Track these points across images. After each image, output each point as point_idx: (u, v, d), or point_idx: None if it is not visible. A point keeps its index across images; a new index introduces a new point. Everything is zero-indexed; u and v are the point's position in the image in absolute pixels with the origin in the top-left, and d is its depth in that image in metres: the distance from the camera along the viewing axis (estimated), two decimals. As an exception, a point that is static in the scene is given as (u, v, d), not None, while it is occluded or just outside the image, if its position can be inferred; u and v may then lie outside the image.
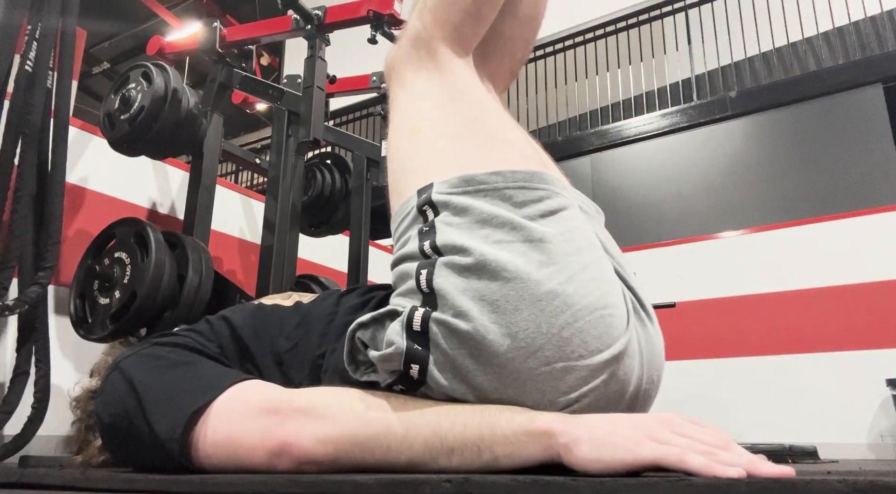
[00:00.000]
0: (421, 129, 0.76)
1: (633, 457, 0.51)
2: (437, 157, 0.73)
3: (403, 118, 0.79)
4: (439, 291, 0.63)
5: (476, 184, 0.67)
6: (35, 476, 0.69)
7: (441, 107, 0.76)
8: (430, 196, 0.69)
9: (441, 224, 0.67)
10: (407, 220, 0.71)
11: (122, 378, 0.70)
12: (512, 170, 0.67)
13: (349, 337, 0.66)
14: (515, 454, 0.56)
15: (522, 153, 0.74)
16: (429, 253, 0.66)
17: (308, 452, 0.60)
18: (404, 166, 0.76)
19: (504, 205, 0.65)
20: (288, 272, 1.61)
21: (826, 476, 0.44)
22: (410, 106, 0.79)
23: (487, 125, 0.75)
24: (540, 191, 0.67)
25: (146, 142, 1.51)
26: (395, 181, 0.77)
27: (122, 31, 8.37)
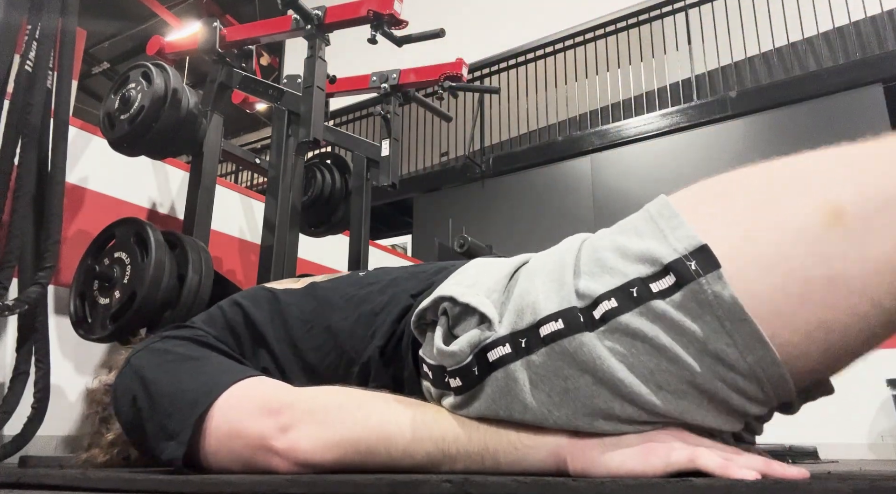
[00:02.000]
0: (844, 226, 0.48)
1: (643, 465, 0.50)
2: (782, 263, 0.49)
3: (843, 180, 0.51)
4: (548, 352, 0.53)
5: (733, 327, 0.49)
6: (35, 476, 0.69)
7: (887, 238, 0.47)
8: (692, 275, 0.49)
9: (642, 314, 0.51)
10: (648, 247, 0.53)
11: (134, 374, 0.70)
12: (777, 360, 0.49)
13: (437, 297, 0.61)
14: (520, 461, 0.55)
15: (809, 367, 0.52)
16: (595, 312, 0.52)
17: (308, 456, 0.60)
18: (757, 215, 0.51)
19: (715, 372, 0.50)
20: (288, 272, 1.61)
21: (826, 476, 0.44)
22: (871, 180, 0.49)
23: (860, 323, 0.50)
24: (762, 395, 0.51)
25: (146, 142, 1.51)
26: (730, 199, 0.54)
27: (122, 31, 8.37)
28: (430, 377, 0.61)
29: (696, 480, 0.44)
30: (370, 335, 0.71)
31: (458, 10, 5.81)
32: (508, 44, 5.62)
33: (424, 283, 0.73)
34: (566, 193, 4.84)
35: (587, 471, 0.53)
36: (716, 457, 0.48)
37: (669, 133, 4.59)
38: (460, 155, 5.51)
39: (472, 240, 2.41)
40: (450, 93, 2.03)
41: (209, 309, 0.83)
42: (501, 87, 5.33)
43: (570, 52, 5.32)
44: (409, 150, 5.74)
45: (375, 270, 0.84)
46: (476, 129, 5.48)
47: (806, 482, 0.41)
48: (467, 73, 2.06)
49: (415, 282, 0.74)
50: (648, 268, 0.52)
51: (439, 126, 5.72)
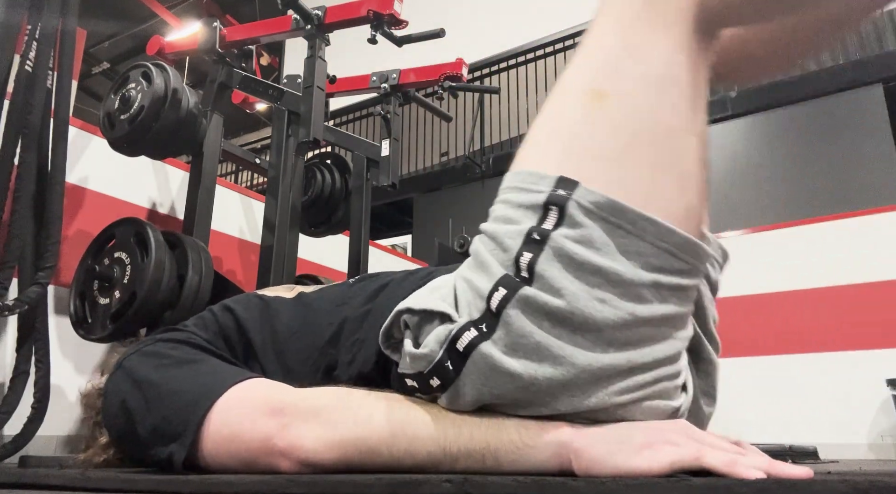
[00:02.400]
0: (606, 97, 0.58)
1: (648, 463, 0.50)
2: (602, 150, 0.57)
3: (598, 62, 0.60)
4: (505, 321, 0.56)
5: (621, 219, 0.55)
6: (35, 476, 0.69)
7: (645, 85, 0.58)
8: (567, 199, 0.56)
9: (553, 246, 0.56)
10: (526, 199, 0.59)
11: (127, 377, 0.70)
12: (670, 228, 0.55)
13: (395, 313, 0.62)
14: (522, 460, 0.55)
15: (690, 202, 0.58)
16: (522, 268, 0.56)
17: (311, 456, 0.60)
18: (562, 128, 0.60)
19: (633, 262, 0.55)
20: (288, 272, 1.61)
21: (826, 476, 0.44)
22: (614, 53, 0.59)
23: (678, 142, 0.58)
24: (682, 263, 0.57)
25: (146, 142, 1.51)
26: (542, 133, 0.62)
27: (122, 31, 8.37)
28: (417, 387, 0.62)
29: (696, 480, 0.44)
30: (356, 348, 0.71)
31: (458, 10, 5.81)
32: (508, 44, 5.62)
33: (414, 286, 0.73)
34: (566, 193, 4.82)
35: (591, 470, 0.52)
36: (722, 456, 0.48)
37: (669, 133, 4.58)
38: (460, 155, 5.51)
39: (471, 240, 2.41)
40: (450, 93, 2.03)
41: (201, 313, 0.83)
42: (501, 87, 5.33)
43: (570, 52, 5.31)
44: (409, 150, 5.74)
45: (364, 277, 0.84)
46: (476, 129, 5.48)
47: (806, 481, 0.41)
48: (467, 72, 2.06)
49: (409, 284, 0.75)
50: (533, 216, 0.58)
51: (439, 126, 5.72)
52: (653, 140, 0.57)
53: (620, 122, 0.57)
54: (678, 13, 0.58)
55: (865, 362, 2.45)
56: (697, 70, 0.59)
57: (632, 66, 0.58)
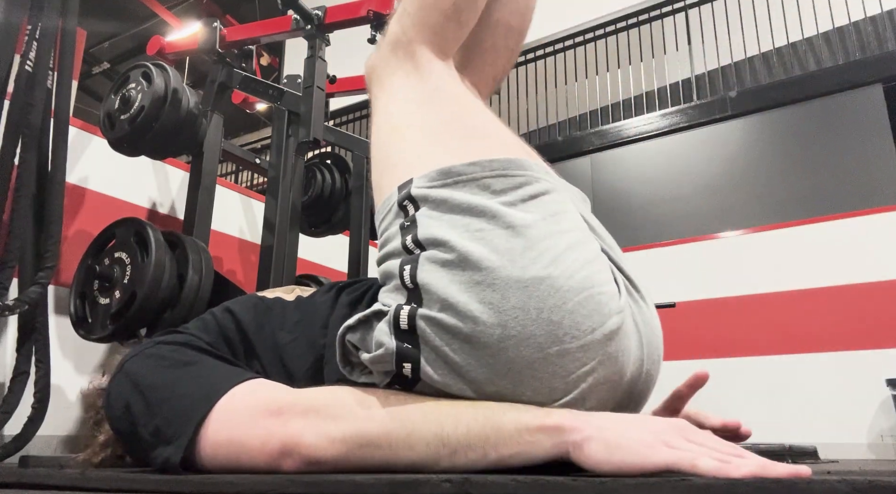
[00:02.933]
0: (399, 127, 0.77)
1: (643, 461, 0.51)
2: (416, 154, 0.73)
3: (384, 118, 0.80)
4: (424, 286, 0.62)
5: (454, 176, 0.67)
6: (35, 476, 0.69)
7: (419, 105, 0.77)
8: (409, 191, 0.69)
9: (422, 218, 0.67)
10: (389, 217, 0.71)
11: (128, 380, 0.70)
12: (489, 159, 0.67)
13: (339, 340, 0.66)
14: (523, 453, 0.56)
15: (502, 141, 0.74)
16: (411, 247, 0.66)
17: (313, 452, 0.60)
18: (385, 164, 0.76)
19: (483, 194, 0.66)
20: (288, 272, 1.61)
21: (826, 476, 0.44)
22: (390, 105, 0.80)
23: (466, 122, 0.76)
24: (519, 178, 0.67)
25: (146, 142, 1.51)
26: (378, 179, 0.77)
27: (122, 31, 8.37)
28: (399, 388, 0.64)
29: (696, 480, 0.44)
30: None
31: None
32: (508, 44, 5.60)
33: None
34: (566, 193, 4.82)
35: (588, 464, 0.53)
36: (713, 462, 0.49)
37: (669, 133, 4.59)
38: (460, 155, 5.50)
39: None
40: (450, 93, 2.03)
41: (201, 316, 0.83)
42: (501, 87, 5.33)
43: (570, 52, 5.32)
44: (409, 150, 5.73)
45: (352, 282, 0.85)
46: (476, 129, 5.47)
47: (806, 481, 0.41)
48: (467, 73, 2.06)
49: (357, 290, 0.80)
50: (399, 219, 0.69)
51: (439, 126, 5.71)
52: (447, 128, 0.74)
53: (419, 133, 0.75)
54: (410, 61, 0.80)
55: (865, 362, 2.45)
56: (445, 72, 0.80)
57: (406, 103, 0.79)
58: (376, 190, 0.77)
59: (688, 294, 2.87)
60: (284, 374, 0.74)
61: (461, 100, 0.79)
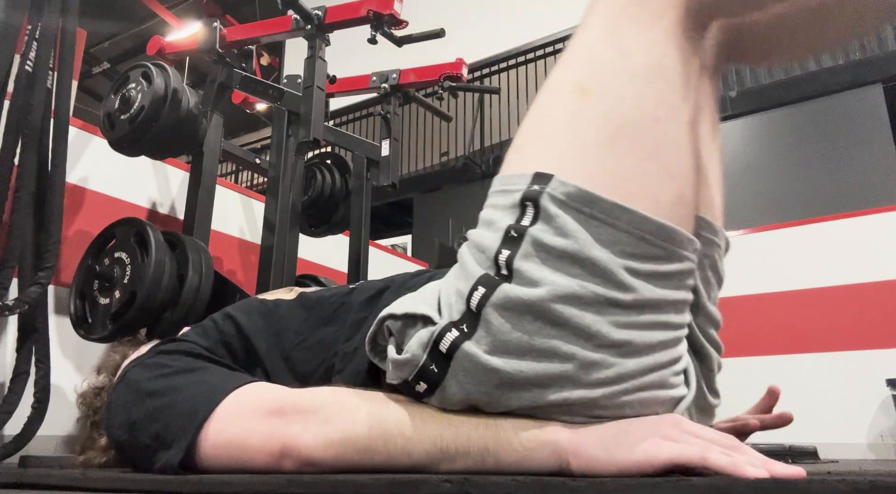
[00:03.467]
0: (590, 93, 0.58)
1: (647, 458, 0.50)
2: (582, 143, 0.58)
3: (583, 60, 0.61)
4: (486, 319, 0.56)
5: (594, 208, 0.55)
6: (35, 476, 0.69)
7: (630, 79, 0.58)
8: (540, 193, 0.56)
9: (530, 240, 0.56)
10: (505, 201, 0.60)
11: (129, 389, 0.70)
12: (644, 216, 0.55)
13: (379, 320, 0.63)
14: (522, 463, 0.55)
15: (677, 190, 0.58)
16: (501, 266, 0.56)
17: (311, 454, 0.60)
18: (543, 126, 0.61)
19: (608, 250, 0.55)
20: (288, 272, 1.61)
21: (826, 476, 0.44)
22: (599, 50, 0.60)
23: (663, 133, 0.58)
24: (659, 249, 0.56)
25: (146, 142, 1.51)
26: (525, 134, 0.63)
27: (122, 31, 8.37)
28: (403, 393, 0.62)
29: (696, 480, 0.44)
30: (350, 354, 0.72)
31: (458, 10, 5.81)
32: (508, 44, 5.62)
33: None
34: (566, 193, 4.82)
35: (590, 469, 0.52)
36: (725, 456, 0.48)
37: (669, 133, 4.58)
38: (460, 155, 5.51)
39: (471, 241, 2.41)
40: (450, 93, 2.03)
41: (202, 322, 0.83)
42: (501, 87, 5.33)
43: (570, 52, 5.31)
44: (409, 150, 5.73)
45: (364, 283, 0.85)
46: (476, 129, 5.48)
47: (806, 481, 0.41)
48: (467, 72, 2.06)
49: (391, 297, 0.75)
50: (514, 213, 0.58)
51: (439, 126, 5.72)
52: (637, 131, 0.57)
53: (604, 116, 0.58)
54: (665, 7, 0.58)
55: (865, 362, 2.45)
56: (687, 61, 0.59)
57: (616, 60, 0.59)
58: (518, 145, 0.63)
59: (688, 294, 2.86)
60: (292, 377, 0.74)
61: (674, 101, 0.59)
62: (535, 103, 0.63)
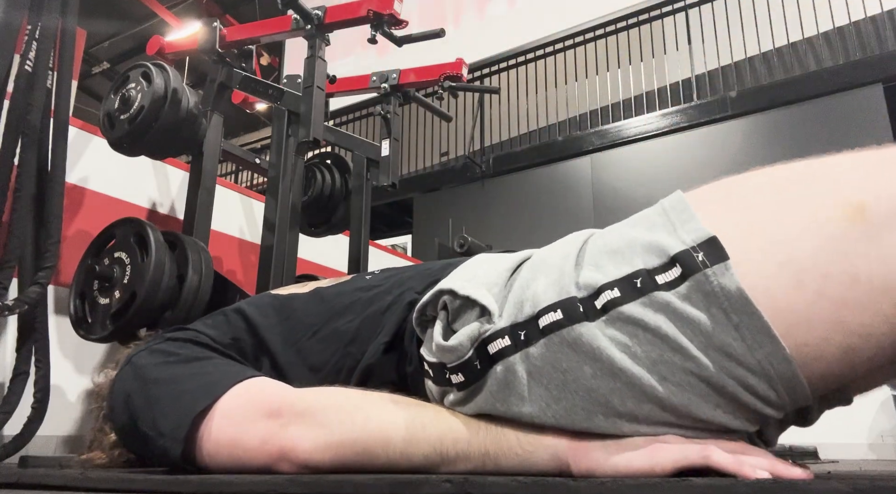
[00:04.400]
0: (866, 217, 0.47)
1: (650, 462, 0.50)
2: (793, 254, 0.48)
3: (854, 176, 0.52)
4: (548, 343, 0.53)
5: (741, 319, 0.48)
6: (35, 476, 0.69)
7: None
8: (699, 268, 0.49)
9: (649, 304, 0.50)
10: (655, 240, 0.52)
11: (134, 374, 0.70)
12: (786, 356, 0.48)
13: (437, 291, 0.60)
14: (521, 465, 0.55)
15: (848, 364, 0.49)
16: (596, 304, 0.52)
17: (308, 458, 0.60)
18: (777, 205, 0.51)
19: (723, 362, 0.49)
20: (288, 272, 1.61)
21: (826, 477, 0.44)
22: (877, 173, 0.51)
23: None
24: (772, 393, 0.50)
25: (146, 142, 1.51)
26: (749, 192, 0.55)
27: (122, 31, 8.37)
28: (430, 374, 0.61)
29: (696, 480, 0.44)
30: (376, 334, 0.71)
31: (459, 10, 5.81)
32: (508, 44, 5.62)
33: (430, 279, 0.72)
34: (566, 193, 4.84)
35: (592, 472, 0.52)
36: (728, 456, 0.47)
37: (669, 133, 4.59)
38: (460, 155, 5.51)
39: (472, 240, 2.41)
40: (450, 93, 2.03)
41: (211, 314, 0.83)
42: (501, 87, 5.33)
43: (570, 52, 5.32)
44: (409, 150, 5.73)
45: (381, 271, 0.84)
46: (476, 129, 5.48)
47: (806, 482, 0.41)
48: (467, 72, 2.06)
49: (420, 280, 0.74)
50: (655, 260, 0.51)
51: (439, 126, 5.72)
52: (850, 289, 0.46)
53: (853, 253, 0.46)
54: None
55: (865, 362, 2.44)
56: None
57: None
58: (726, 188, 0.57)
59: (688, 294, 2.86)
60: (306, 367, 0.74)
61: None
62: (784, 178, 0.53)
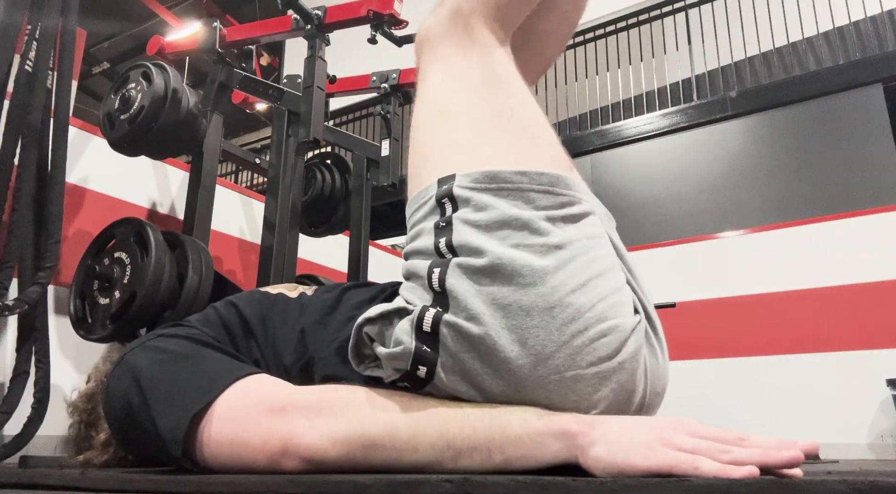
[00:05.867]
0: (451, 112, 0.71)
1: (647, 463, 0.51)
2: (463, 146, 0.69)
3: (433, 96, 0.74)
4: (452, 292, 0.61)
5: (500, 182, 0.65)
6: (35, 476, 0.69)
7: (475, 91, 0.72)
8: (451, 188, 0.66)
9: (459, 221, 0.64)
10: (423, 210, 0.69)
11: (128, 372, 0.70)
12: (538, 172, 0.65)
13: (356, 330, 0.64)
14: (529, 456, 0.56)
15: (552, 153, 0.70)
16: (444, 251, 0.64)
17: (314, 451, 0.60)
18: (428, 150, 0.72)
19: (526, 208, 0.63)
20: (288, 272, 1.61)
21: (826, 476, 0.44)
22: (443, 84, 0.74)
23: (521, 118, 0.71)
24: (563, 197, 0.65)
25: (146, 142, 1.51)
26: (415, 164, 0.73)
27: (122, 31, 8.37)
28: (409, 387, 0.63)
29: (696, 480, 0.45)
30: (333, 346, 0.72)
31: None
32: (508, 44, 5.61)
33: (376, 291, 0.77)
34: (566, 193, 4.82)
35: (594, 467, 0.53)
36: (714, 464, 0.49)
37: (669, 133, 4.59)
38: (460, 155, 5.51)
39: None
40: (450, 93, 2.03)
41: (204, 311, 0.83)
42: (501, 87, 5.32)
43: (570, 52, 5.32)
44: (409, 150, 5.73)
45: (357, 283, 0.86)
46: (476, 129, 5.47)
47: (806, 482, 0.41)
48: (467, 72, 2.06)
49: (367, 292, 0.78)
50: (434, 215, 0.67)
51: (439, 126, 5.71)
52: (499, 122, 0.70)
53: (468, 123, 0.70)
54: (468, 36, 0.74)
55: (865, 362, 2.45)
56: (510, 58, 0.76)
57: (461, 83, 0.73)
58: (412, 176, 0.73)
59: (688, 294, 2.87)
60: (281, 369, 0.74)
61: (518, 93, 0.73)
62: (411, 141, 0.75)
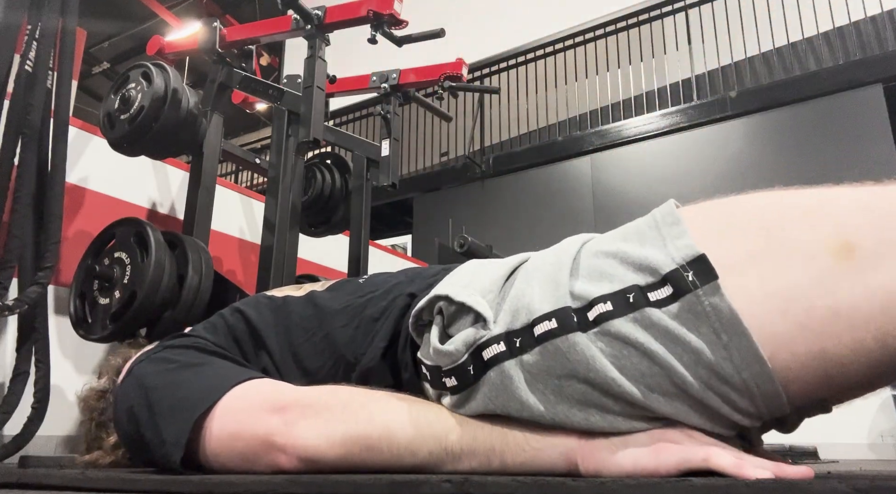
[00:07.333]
0: (855, 254, 0.48)
1: (655, 463, 0.50)
2: (782, 284, 0.49)
3: (847, 211, 0.52)
4: (543, 351, 0.54)
5: (731, 341, 0.49)
6: (35, 476, 0.69)
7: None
8: (691, 288, 0.50)
9: (639, 321, 0.51)
10: (646, 255, 0.53)
11: (135, 384, 0.70)
12: (770, 376, 0.50)
13: (432, 298, 0.61)
14: (529, 463, 0.55)
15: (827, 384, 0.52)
16: (589, 315, 0.53)
17: (311, 452, 0.60)
18: (768, 232, 0.53)
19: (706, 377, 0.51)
20: (288, 272, 1.61)
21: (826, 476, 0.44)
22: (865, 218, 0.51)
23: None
24: (752, 407, 0.52)
25: (146, 142, 1.51)
26: (735, 215, 0.56)
27: (122, 31, 8.37)
28: (427, 377, 0.62)
29: (696, 480, 0.44)
30: (370, 339, 0.71)
31: (459, 10, 5.81)
32: (508, 44, 5.62)
33: (423, 284, 0.73)
34: (566, 193, 4.84)
35: (599, 472, 0.52)
36: (730, 457, 0.48)
37: (669, 133, 4.59)
38: (460, 155, 5.52)
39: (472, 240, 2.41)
40: (450, 93, 2.03)
41: (210, 318, 0.83)
42: (501, 87, 5.33)
43: (570, 52, 5.32)
44: (409, 150, 5.74)
45: (374, 276, 0.84)
46: (476, 129, 5.48)
47: (806, 482, 0.41)
48: (467, 72, 2.06)
49: (413, 285, 0.74)
50: (647, 277, 0.52)
51: (439, 126, 5.72)
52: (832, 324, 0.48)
53: (838, 288, 0.48)
54: None
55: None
56: None
57: None
58: (716, 214, 0.58)
59: (688, 294, 2.86)
60: (300, 372, 0.74)
61: None
62: (778, 204, 0.56)
